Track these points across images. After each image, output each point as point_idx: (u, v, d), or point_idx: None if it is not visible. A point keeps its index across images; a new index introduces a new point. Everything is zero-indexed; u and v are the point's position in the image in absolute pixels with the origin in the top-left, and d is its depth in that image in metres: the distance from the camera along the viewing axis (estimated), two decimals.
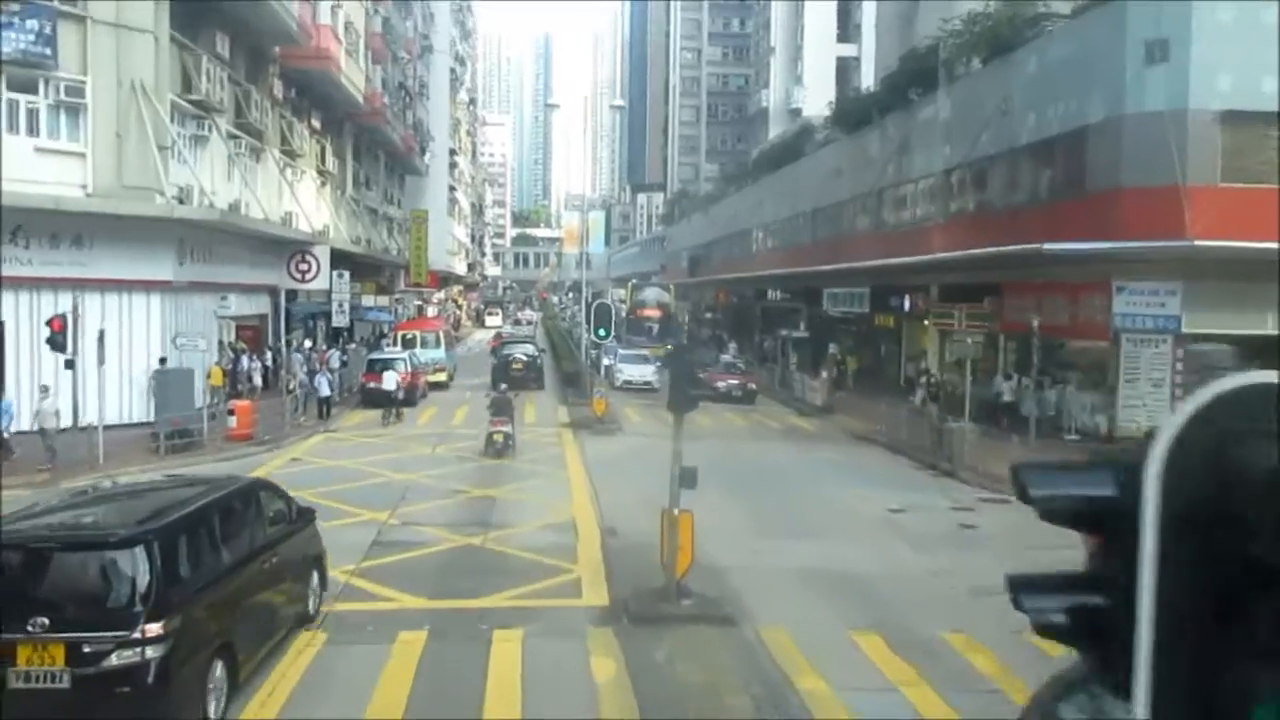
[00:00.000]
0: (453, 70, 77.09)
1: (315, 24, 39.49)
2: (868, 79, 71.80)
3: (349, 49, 44.68)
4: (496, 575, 14.73)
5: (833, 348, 41.02)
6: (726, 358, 41.97)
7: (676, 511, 13.00)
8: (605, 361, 43.40)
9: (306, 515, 12.63)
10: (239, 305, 35.41)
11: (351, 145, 52.60)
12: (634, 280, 59.64)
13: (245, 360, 34.43)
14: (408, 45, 62.05)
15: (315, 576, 12.46)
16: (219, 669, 9.32)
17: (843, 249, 45.77)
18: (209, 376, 32.22)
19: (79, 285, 26.16)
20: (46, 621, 8.24)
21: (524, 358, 41.34)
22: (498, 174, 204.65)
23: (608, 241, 41.15)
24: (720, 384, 38.15)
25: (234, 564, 10.13)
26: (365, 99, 48.37)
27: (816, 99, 79.56)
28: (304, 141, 42.41)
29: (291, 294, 39.71)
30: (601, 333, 29.89)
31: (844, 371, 39.07)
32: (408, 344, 39.67)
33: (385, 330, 49.64)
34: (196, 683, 8.93)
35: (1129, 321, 26.84)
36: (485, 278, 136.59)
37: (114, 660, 8.25)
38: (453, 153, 78.04)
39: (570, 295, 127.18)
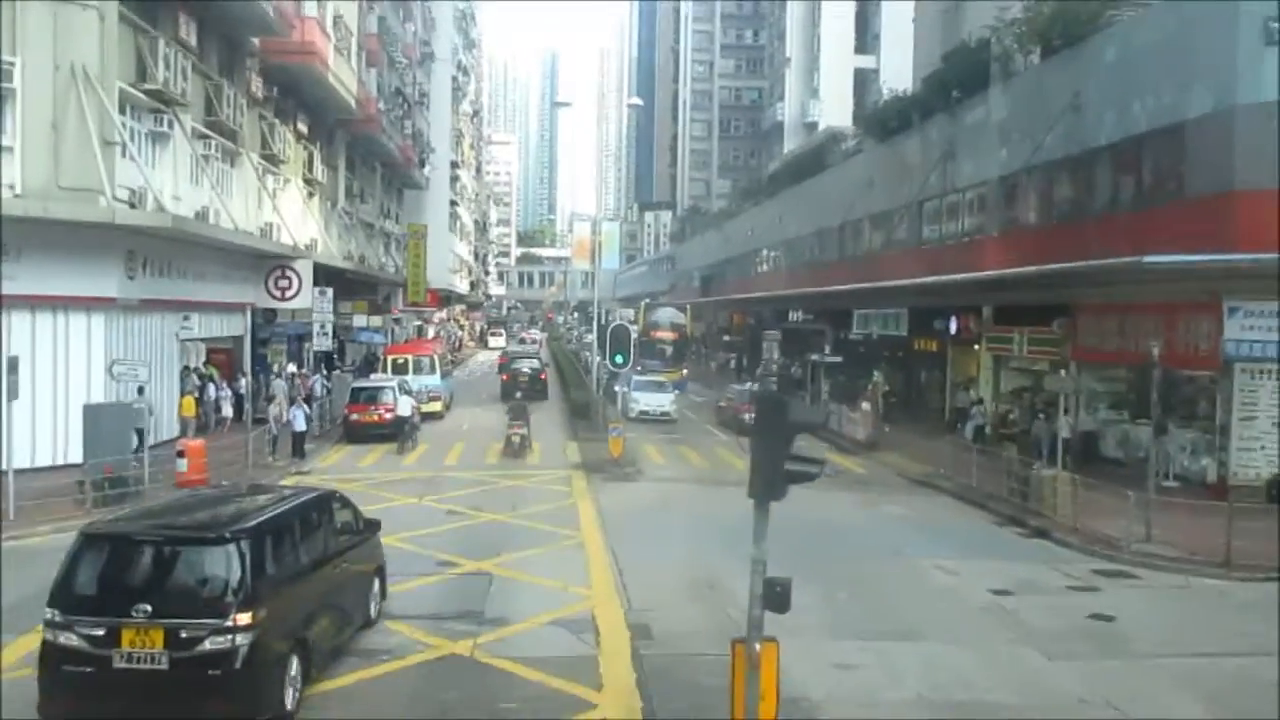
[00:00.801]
0: (455, 79, 73.14)
1: (299, 15, 35.37)
2: (887, 90, 67.99)
3: (339, 46, 40.58)
4: (488, 711, 10.39)
5: (876, 375, 36.64)
6: (754, 385, 37.68)
7: (758, 646, 8.61)
8: (616, 388, 39.16)
9: (372, 526, 13.51)
10: (208, 326, 31.24)
11: (344, 155, 48.49)
12: (646, 300, 55.42)
13: (213, 388, 30.14)
14: (406, 50, 58.06)
15: (376, 584, 13.25)
16: (295, 663, 9.98)
17: (875, 267, 41.56)
18: (180, 407, 28.11)
19: (6, 303, 21.99)
20: (149, 608, 9.06)
21: (528, 371, 44.39)
22: (503, 193, 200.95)
23: (621, 258, 37.58)
24: (747, 415, 33.76)
25: (310, 566, 10.89)
26: (358, 103, 44.27)
27: (833, 112, 75.84)
28: (288, 147, 38.26)
29: (271, 313, 35.51)
30: (619, 359, 25.60)
31: (890, 403, 34.66)
32: (398, 370, 35.39)
33: (380, 354, 45.36)
34: (278, 672, 9.66)
35: (1244, 349, 22.47)
36: (489, 297, 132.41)
37: (208, 645, 9.05)
38: (455, 166, 74.02)
39: (576, 315, 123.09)
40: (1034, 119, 29.58)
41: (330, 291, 33.03)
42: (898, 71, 76.32)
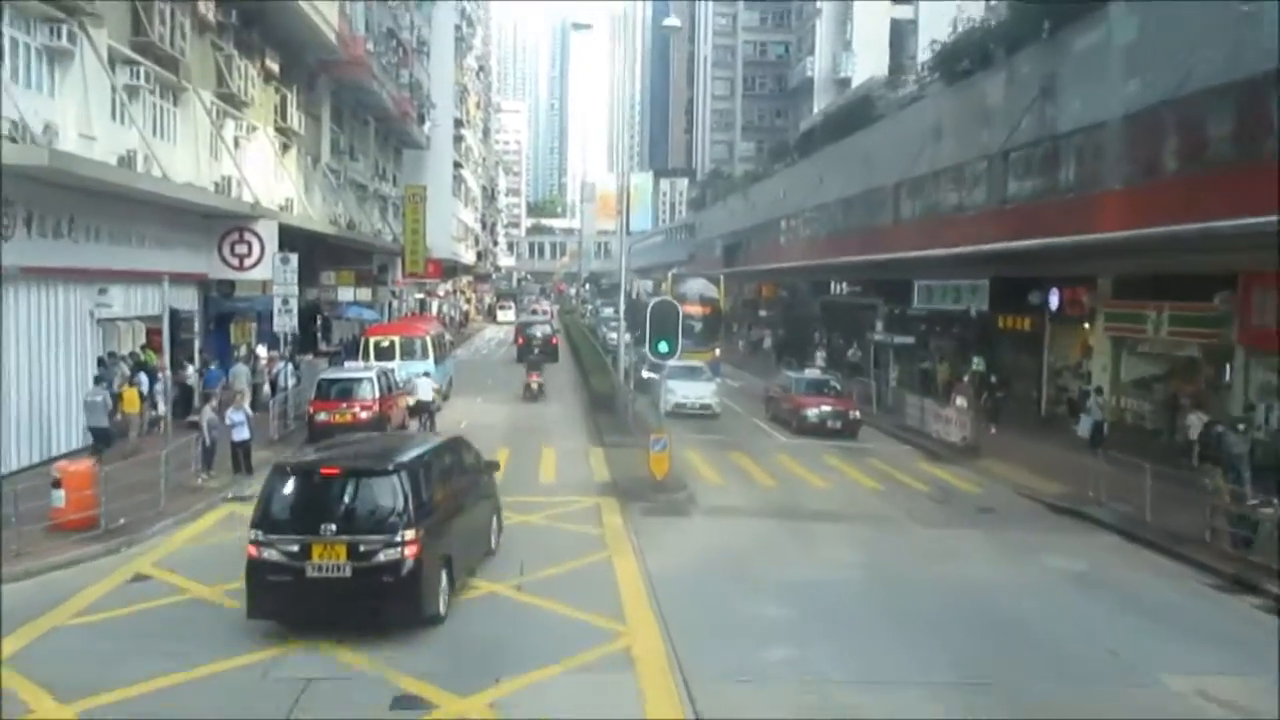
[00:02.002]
0: (458, 29, 66.01)
1: None
2: (927, 42, 60.84)
3: None
4: None
5: (977, 361, 29.76)
6: (813, 372, 30.82)
7: None
8: (645, 374, 32.55)
9: (491, 466, 15.34)
10: (144, 301, 24.69)
11: (329, 104, 41.68)
12: (673, 270, 48.69)
13: (145, 379, 23.53)
14: None
15: (495, 520, 14.88)
16: (444, 576, 11.81)
17: (942, 230, 34.74)
18: (120, 399, 21.58)
19: None
20: (334, 527, 11.03)
21: (541, 336, 47.74)
22: (512, 161, 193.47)
23: (655, 218, 31.69)
24: (811, 411, 27.14)
25: (450, 497, 12.76)
26: (340, 41, 37.41)
27: (868, 67, 68.66)
28: (252, 87, 31.52)
29: (228, 285, 28.98)
30: (663, 347, 18.72)
31: (997, 398, 27.81)
32: (382, 354, 28.74)
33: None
34: (434, 581, 11.50)
35: None
36: (498, 269, 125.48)
37: (382, 557, 10.94)
38: (459, 124, 67.08)
39: (588, 287, 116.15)
40: (1174, 42, 22.72)
41: (294, 258, 26.35)
42: (939, 22, 69.31)
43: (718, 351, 43.36)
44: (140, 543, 15.59)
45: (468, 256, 76.59)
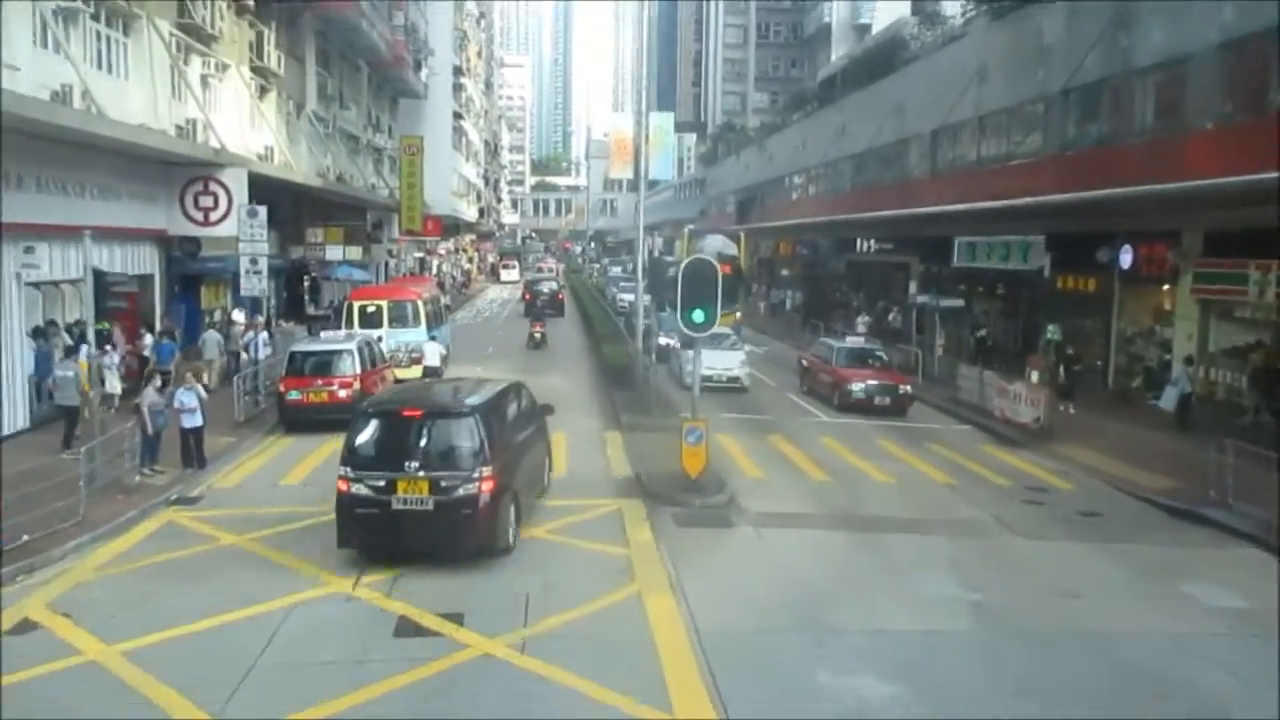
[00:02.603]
0: None
1: None
2: None
3: None
4: None
5: (1051, 330, 26.04)
6: (855, 339, 27.20)
7: None
8: (663, 340, 29.10)
9: (547, 409, 16.12)
10: (104, 262, 21.22)
11: (314, 45, 37.85)
12: (689, 226, 44.94)
13: (88, 352, 20.03)
14: None
15: (548, 459, 15.79)
16: (512, 510, 12.52)
17: (989, 180, 31.12)
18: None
19: None
20: (417, 464, 11.81)
21: (547, 291, 48.85)
22: (516, 118, 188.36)
23: (680, 165, 28.35)
24: (856, 386, 23.64)
25: (515, 438, 13.50)
26: None
27: (890, 12, 64.40)
28: (221, 20, 27.76)
29: (193, 243, 25.43)
30: (699, 316, 14.98)
31: (1074, 372, 24.10)
32: (368, 321, 25.19)
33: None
34: (505, 514, 12.25)
35: None
36: (501, 226, 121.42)
37: (460, 491, 11.74)
38: (458, 73, 62.95)
39: (594, 245, 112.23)
40: None
41: (262, 211, 22.75)
42: None
43: (739, 314, 39.83)
44: (46, 568, 12.24)
45: (469, 213, 72.70)
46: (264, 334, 23.84)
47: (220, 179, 24.06)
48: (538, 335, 34.94)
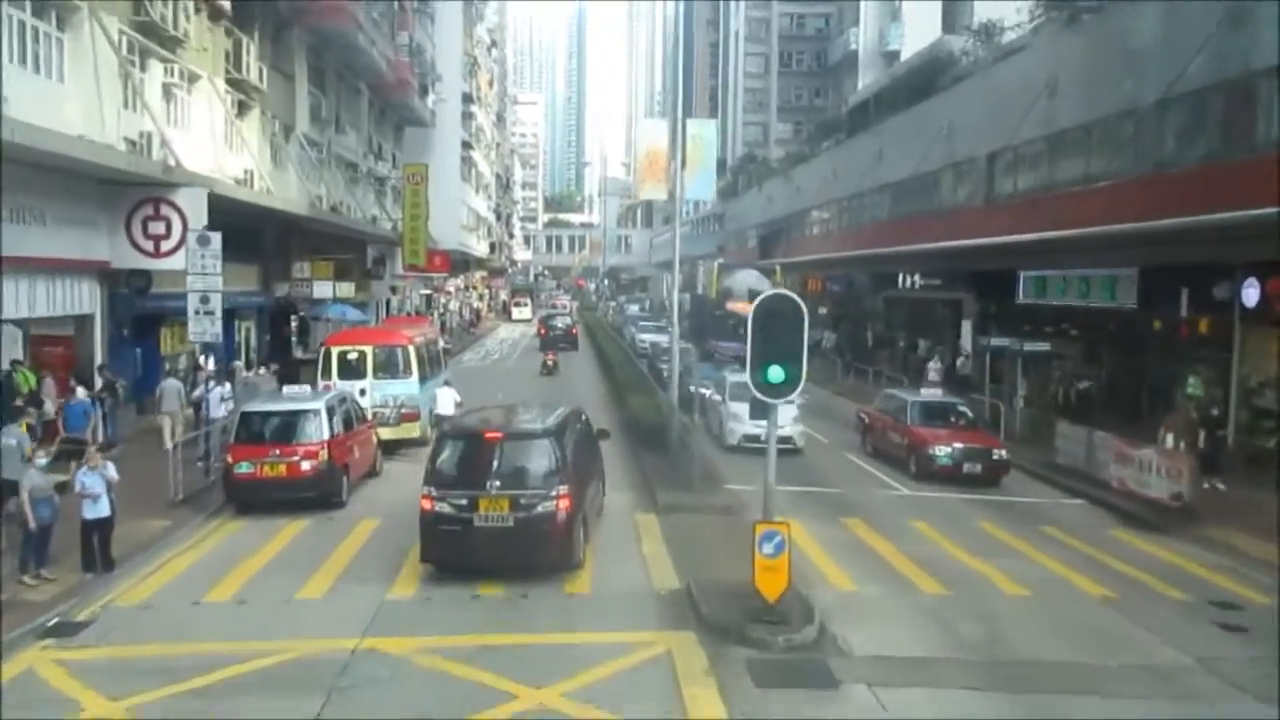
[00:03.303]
0: None
1: None
2: (983, 12, 52.83)
3: None
4: None
5: (1193, 384, 21.39)
6: (931, 391, 22.61)
7: None
8: (695, 388, 24.72)
9: (602, 433, 16.69)
10: (21, 301, 17.13)
11: (305, 61, 33.92)
12: (720, 260, 40.72)
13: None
14: None
15: (602, 483, 15.84)
16: (582, 527, 12.91)
17: (1062, 206, 26.82)
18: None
19: None
20: (499, 483, 12.26)
21: (561, 326, 50.10)
22: (529, 155, 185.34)
23: (721, 173, 24.97)
24: (940, 450, 19.18)
25: (582, 459, 13.97)
26: None
27: (918, 39, 60.56)
28: (187, 22, 23.78)
29: (143, 277, 21.23)
30: (778, 375, 10.66)
31: (1218, 437, 19.55)
32: (348, 371, 20.84)
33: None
34: (579, 530, 12.69)
35: None
36: (514, 263, 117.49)
37: (539, 509, 12.16)
38: (468, 100, 59.09)
39: (607, 283, 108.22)
40: None
41: (216, 239, 18.48)
42: None
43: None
44: None
45: (479, 248, 68.65)
46: (221, 386, 19.50)
47: (174, 201, 19.91)
48: (550, 363, 38.11)
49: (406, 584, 12.71)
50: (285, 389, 17.35)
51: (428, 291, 59.61)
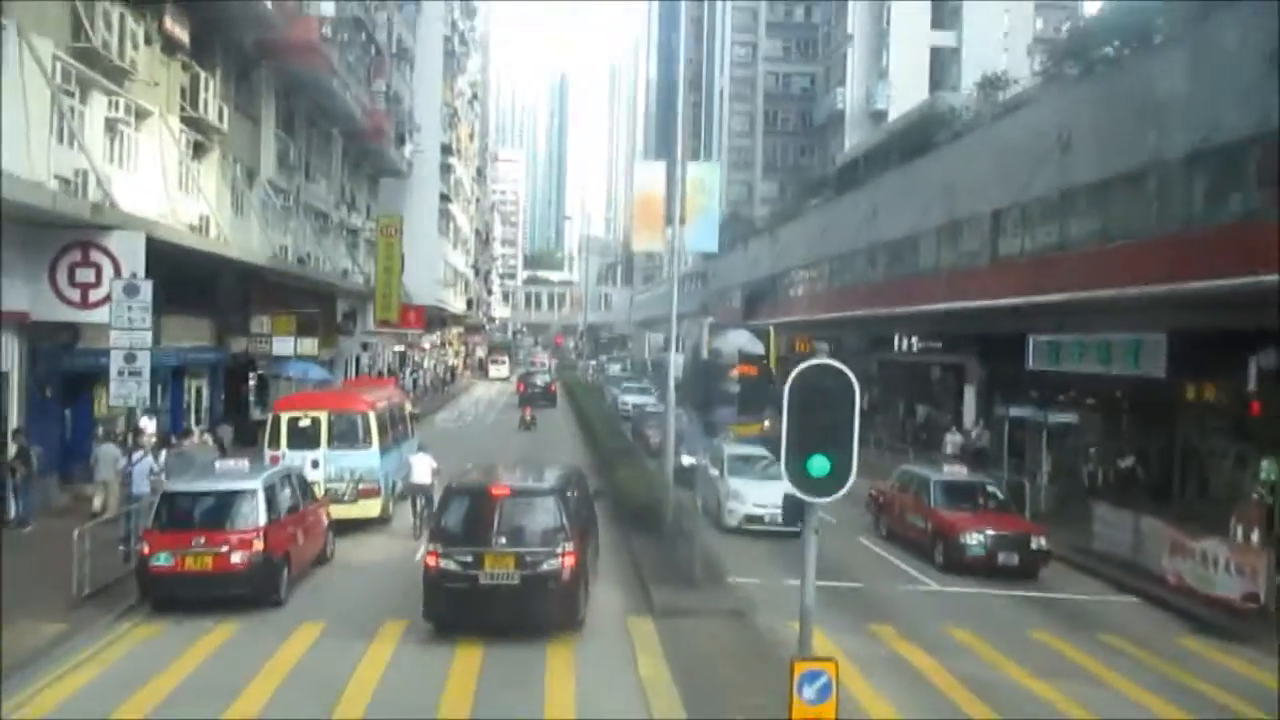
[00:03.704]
0: (448, 41, 56.16)
1: None
2: (970, 73, 51.81)
3: None
4: None
5: (1266, 468, 19.00)
6: (956, 469, 20.10)
7: None
8: (688, 459, 22.40)
9: (599, 493, 17.04)
10: None
11: (273, 103, 31.80)
12: (710, 320, 38.72)
13: None
14: None
15: (597, 542, 15.24)
16: (584, 587, 12.87)
17: (1076, 267, 24.94)
18: None
19: None
20: (504, 540, 12.23)
21: (540, 384, 50.68)
22: (510, 212, 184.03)
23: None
24: (971, 538, 16.80)
25: (582, 516, 13.77)
26: (282, 14, 27.61)
27: (906, 98, 59.51)
28: (134, 51, 21.57)
29: (70, 331, 18.75)
30: (821, 467, 8.48)
31: None
32: (299, 439, 18.29)
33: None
34: (583, 587, 12.72)
35: None
36: (492, 319, 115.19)
37: (545, 566, 12.05)
38: (447, 151, 57.09)
39: (585, 340, 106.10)
40: None
41: (146, 288, 15.86)
42: (984, 49, 60.36)
43: (767, 424, 33.16)
44: None
45: (456, 304, 66.37)
46: (149, 456, 16.92)
47: (105, 246, 17.49)
48: (528, 418, 38.88)
49: (351, 706, 10.20)
50: (219, 464, 14.77)
51: (401, 348, 57.13)
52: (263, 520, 13.39)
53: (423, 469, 18.87)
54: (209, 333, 27.27)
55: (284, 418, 18.27)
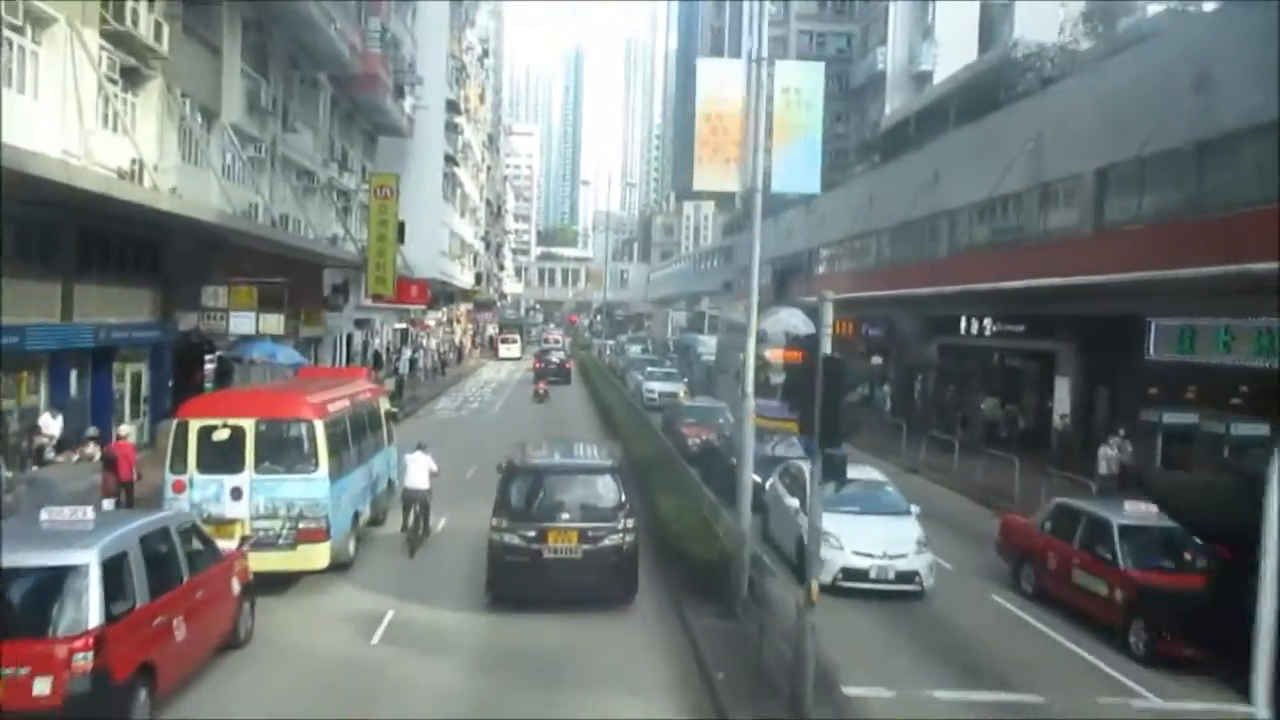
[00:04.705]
0: None
1: None
2: (1024, 31, 45.86)
3: None
4: None
5: None
6: (1140, 507, 14.31)
7: None
8: (774, 481, 17.02)
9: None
10: None
11: (239, 32, 26.16)
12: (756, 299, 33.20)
13: None
14: None
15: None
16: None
17: (1221, 233, 19.34)
18: None
19: None
20: (568, 516, 12.46)
21: (555, 361, 50.33)
22: (524, 187, 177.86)
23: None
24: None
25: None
26: None
27: (953, 59, 53.58)
28: None
29: None
30: None
31: None
32: (217, 459, 12.70)
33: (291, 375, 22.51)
34: (638, 559, 12.87)
35: None
36: (504, 296, 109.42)
37: (607, 541, 12.32)
38: (453, 109, 51.20)
39: (601, 319, 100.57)
40: None
41: None
42: (1039, 7, 54.42)
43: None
44: None
45: (464, 278, 60.69)
46: None
47: None
48: (541, 391, 39.24)
49: None
50: (44, 514, 9.25)
51: (403, 326, 51.67)
52: (96, 618, 7.92)
53: (420, 472, 15.51)
54: (149, 306, 21.81)
55: (193, 427, 12.66)
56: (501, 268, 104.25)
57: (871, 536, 13.46)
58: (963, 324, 33.88)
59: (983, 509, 20.78)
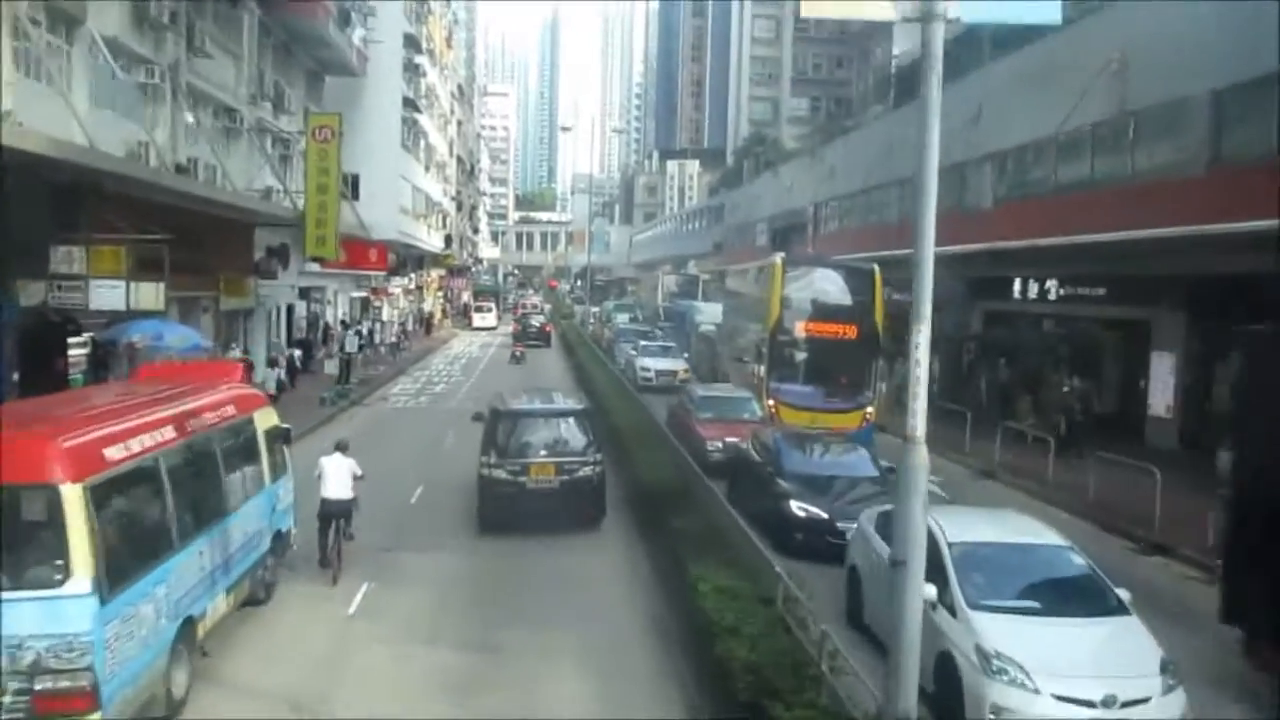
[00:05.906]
0: None
1: None
2: None
3: None
4: None
5: None
6: None
7: None
8: (795, 507, 11.16)
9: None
10: None
11: None
12: (780, 256, 26.66)
13: None
14: None
15: None
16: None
17: None
18: None
19: None
20: (545, 452, 14.54)
21: (535, 324, 51.07)
22: (500, 149, 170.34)
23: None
24: None
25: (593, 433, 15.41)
26: None
27: None
28: None
29: None
30: None
31: None
32: None
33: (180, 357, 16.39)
34: (605, 487, 14.98)
35: None
36: (479, 260, 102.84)
37: (580, 473, 14.36)
38: (414, 46, 44.26)
39: (579, 283, 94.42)
40: None
41: None
42: None
43: (869, 412, 21.67)
44: None
45: (432, 241, 54.33)
46: None
47: None
48: (518, 354, 40.44)
49: None
50: None
51: (362, 294, 45.44)
52: None
53: (340, 479, 12.42)
54: None
55: None
56: (476, 231, 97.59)
57: (1078, 660, 7.63)
58: (1018, 286, 28.16)
59: (1119, 539, 15.16)
